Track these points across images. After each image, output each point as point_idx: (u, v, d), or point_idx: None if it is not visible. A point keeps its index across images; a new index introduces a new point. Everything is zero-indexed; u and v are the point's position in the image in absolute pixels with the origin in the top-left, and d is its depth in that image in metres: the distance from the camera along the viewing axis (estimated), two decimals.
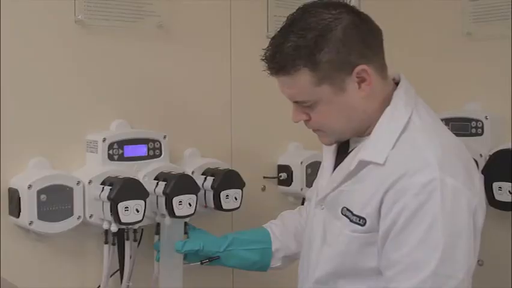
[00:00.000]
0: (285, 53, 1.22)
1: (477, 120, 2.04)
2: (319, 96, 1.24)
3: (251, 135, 2.15)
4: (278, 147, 2.21)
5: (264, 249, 1.52)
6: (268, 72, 1.28)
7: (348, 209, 1.26)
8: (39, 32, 1.72)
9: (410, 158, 1.17)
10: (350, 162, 1.28)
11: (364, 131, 1.29)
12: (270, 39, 1.28)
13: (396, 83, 1.31)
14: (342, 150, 1.37)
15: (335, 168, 1.36)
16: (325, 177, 1.39)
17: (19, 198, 1.64)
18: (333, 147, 1.39)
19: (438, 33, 2.23)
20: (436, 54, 2.23)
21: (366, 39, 1.24)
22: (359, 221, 1.22)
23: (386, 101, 1.27)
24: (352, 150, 1.32)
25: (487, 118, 2.03)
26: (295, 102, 1.29)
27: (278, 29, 1.28)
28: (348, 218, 1.25)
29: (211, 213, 1.98)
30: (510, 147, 1.94)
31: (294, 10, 1.29)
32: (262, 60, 1.28)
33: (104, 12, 1.81)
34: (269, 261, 1.58)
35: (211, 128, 2.08)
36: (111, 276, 1.83)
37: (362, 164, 1.24)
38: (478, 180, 1.24)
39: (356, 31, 1.22)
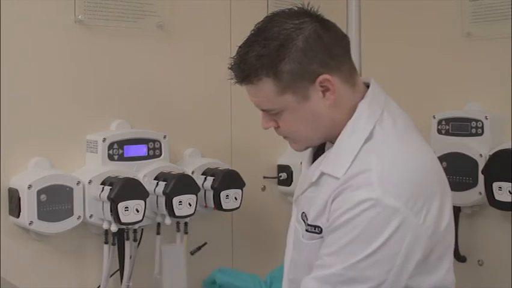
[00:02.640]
0: (249, 62, 1.24)
1: (477, 120, 2.04)
2: (283, 105, 1.25)
3: (251, 135, 2.15)
4: (278, 147, 2.21)
5: None
6: (234, 81, 1.30)
7: (305, 215, 1.29)
8: (40, 32, 1.72)
9: (359, 173, 1.19)
10: (313, 171, 1.31)
11: (335, 137, 1.29)
12: (237, 50, 1.30)
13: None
14: (319, 155, 1.37)
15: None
16: (301, 179, 1.42)
17: (19, 198, 1.64)
18: (309, 153, 1.40)
19: (439, 33, 2.22)
20: (436, 54, 2.23)
21: (329, 48, 1.23)
22: (315, 229, 1.26)
23: (355, 109, 1.28)
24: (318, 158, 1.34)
25: (487, 118, 2.03)
26: (263, 110, 1.31)
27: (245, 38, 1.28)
28: (305, 224, 1.28)
29: (211, 213, 1.98)
30: (510, 147, 1.94)
31: None
32: (229, 69, 1.30)
33: (104, 12, 1.81)
34: None
35: (211, 128, 2.08)
36: (111, 276, 1.83)
37: (322, 175, 1.27)
38: (436, 200, 1.20)
39: (318, 41, 1.22)
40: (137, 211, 1.71)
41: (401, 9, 2.30)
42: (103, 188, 1.70)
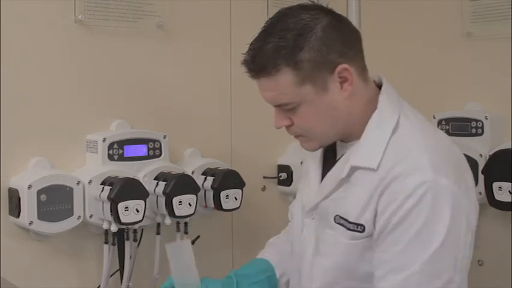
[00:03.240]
0: (265, 54, 1.20)
1: (477, 120, 2.04)
2: (302, 97, 1.21)
3: (251, 135, 2.15)
4: (278, 147, 2.21)
5: (270, 277, 1.45)
6: (249, 75, 1.25)
7: (342, 217, 1.23)
8: (40, 32, 1.72)
9: (402, 161, 1.17)
10: (340, 168, 1.25)
11: (349, 135, 1.28)
12: (249, 45, 1.26)
13: (378, 86, 1.31)
14: (329, 158, 1.35)
15: (323, 177, 1.33)
16: (313, 186, 1.34)
17: (19, 198, 1.64)
18: (319, 155, 1.36)
19: (438, 33, 2.22)
20: (436, 54, 2.23)
21: (345, 39, 1.23)
22: (357, 227, 1.21)
23: (370, 104, 1.26)
24: (341, 156, 1.30)
25: (487, 118, 2.03)
26: (277, 106, 1.27)
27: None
28: (344, 227, 1.23)
29: (211, 213, 1.98)
30: (510, 147, 1.94)
31: None
32: (242, 64, 1.25)
33: (104, 12, 1.81)
34: None
35: (211, 128, 2.08)
36: (111, 276, 1.83)
37: (353, 170, 1.23)
38: (470, 178, 1.24)
39: (335, 31, 1.21)
40: (137, 211, 1.71)
41: (401, 9, 2.30)
42: (103, 188, 1.70)
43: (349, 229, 1.22)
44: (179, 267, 1.30)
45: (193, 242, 1.89)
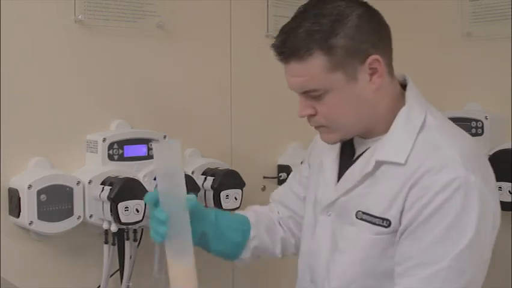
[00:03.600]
0: (298, 37, 1.17)
1: (477, 120, 2.04)
2: (331, 84, 1.18)
3: (251, 135, 2.15)
4: (278, 147, 2.21)
5: (244, 231, 1.41)
6: (278, 58, 1.22)
7: (365, 212, 1.21)
8: (40, 32, 1.72)
9: (432, 156, 1.16)
10: (364, 163, 1.24)
11: (370, 131, 1.26)
12: (280, 29, 1.23)
13: (401, 84, 1.31)
14: (345, 155, 1.33)
15: (339, 172, 1.31)
16: (329, 182, 1.31)
17: (19, 198, 1.64)
18: (336, 151, 1.34)
19: (439, 33, 2.22)
20: (436, 54, 2.23)
21: (379, 30, 1.23)
22: (383, 222, 1.19)
23: (395, 101, 1.25)
24: (364, 151, 1.27)
25: (487, 118, 2.03)
26: (304, 93, 1.22)
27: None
28: (368, 222, 1.21)
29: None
30: (510, 147, 1.94)
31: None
32: (272, 47, 1.22)
33: (104, 12, 1.81)
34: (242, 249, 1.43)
35: (211, 128, 2.08)
36: (111, 276, 1.83)
37: (379, 165, 1.21)
38: (493, 177, 1.24)
39: (370, 21, 1.21)
40: (137, 211, 1.71)
41: (401, 9, 2.30)
42: (103, 188, 1.70)
43: (374, 224, 1.20)
44: (165, 170, 1.20)
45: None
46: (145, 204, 1.73)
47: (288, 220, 1.50)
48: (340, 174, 1.31)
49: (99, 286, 1.81)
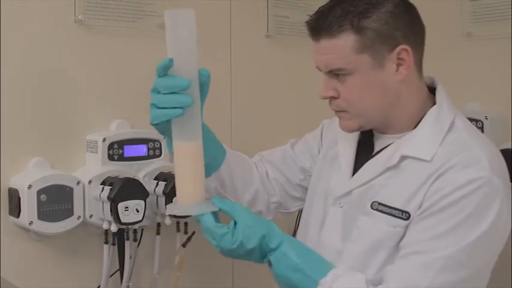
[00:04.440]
0: (332, 15, 1.19)
1: (477, 120, 2.04)
2: (357, 66, 1.19)
3: (251, 135, 2.15)
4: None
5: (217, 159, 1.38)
6: (310, 34, 1.23)
7: (382, 203, 1.21)
8: (40, 32, 1.72)
9: (460, 154, 1.17)
10: (389, 157, 1.23)
11: (389, 125, 1.26)
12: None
13: (428, 88, 1.31)
14: (364, 150, 1.31)
15: (355, 166, 1.31)
16: (344, 172, 1.31)
17: (19, 198, 1.64)
18: (353, 144, 1.33)
19: (439, 33, 2.22)
20: (436, 54, 2.22)
21: (413, 23, 1.24)
22: (402, 215, 1.19)
23: (422, 100, 1.26)
24: (387, 146, 1.26)
25: (487, 118, 2.03)
26: (329, 72, 1.22)
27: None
28: (385, 213, 1.21)
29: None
30: (510, 147, 1.94)
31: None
32: (306, 23, 1.24)
33: (104, 12, 1.81)
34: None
35: (211, 128, 2.07)
36: (111, 276, 1.83)
37: (402, 159, 1.21)
38: (509, 182, 1.24)
39: (406, 13, 1.22)
40: (137, 211, 1.71)
41: None
42: (103, 188, 1.70)
43: (393, 215, 1.20)
44: (180, 36, 1.13)
45: (189, 239, 1.89)
46: (145, 204, 1.73)
47: (274, 183, 1.49)
48: (355, 168, 1.31)
49: (99, 286, 1.81)
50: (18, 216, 1.65)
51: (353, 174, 1.30)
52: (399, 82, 1.22)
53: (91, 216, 1.74)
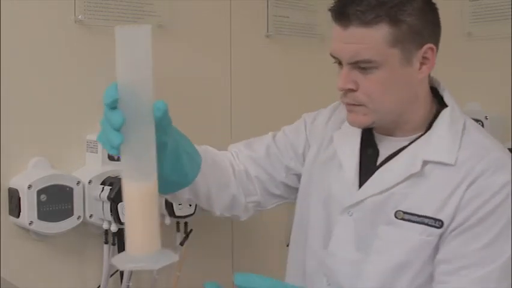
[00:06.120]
0: (366, 3, 1.12)
1: (477, 120, 2.04)
2: (386, 59, 1.13)
3: (251, 135, 2.15)
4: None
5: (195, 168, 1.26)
6: (339, 20, 1.14)
7: (408, 213, 1.17)
8: (40, 32, 1.72)
9: (483, 157, 1.16)
10: (408, 162, 1.18)
11: (399, 127, 1.22)
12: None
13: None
14: (366, 153, 1.26)
15: (360, 169, 1.24)
16: (349, 180, 1.24)
17: (19, 198, 1.64)
18: (354, 145, 1.26)
19: None
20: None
21: (436, 24, 1.21)
22: (435, 223, 1.15)
23: (429, 101, 1.24)
24: (401, 150, 1.22)
25: (487, 118, 2.03)
26: (354, 63, 1.15)
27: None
28: (415, 222, 1.16)
29: (211, 213, 1.97)
30: (510, 147, 1.94)
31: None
32: (334, 7, 1.15)
33: (104, 12, 1.81)
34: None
35: (211, 127, 2.07)
36: (111, 276, 1.83)
37: (424, 164, 1.18)
38: None
39: (432, 11, 1.20)
40: None
41: None
42: (103, 188, 1.70)
43: (426, 224, 1.16)
44: (131, 60, 1.00)
45: (187, 236, 1.89)
46: None
47: (256, 181, 1.38)
48: (361, 173, 1.25)
49: (99, 286, 1.81)
50: (18, 216, 1.65)
51: (359, 179, 1.25)
52: (419, 81, 1.20)
53: (91, 216, 1.74)
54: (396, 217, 1.18)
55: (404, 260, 1.17)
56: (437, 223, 1.15)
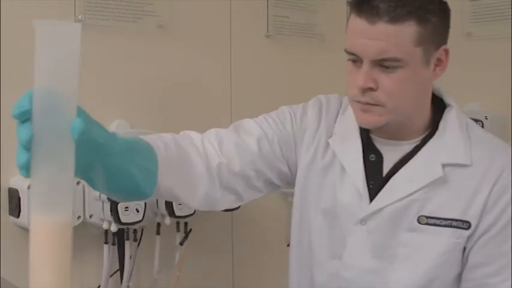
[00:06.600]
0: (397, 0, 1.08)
1: (477, 120, 2.04)
2: (411, 58, 1.11)
3: None
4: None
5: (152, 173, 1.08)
6: (366, 14, 1.09)
7: (433, 217, 1.15)
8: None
9: (496, 153, 1.17)
10: (425, 167, 1.16)
11: (404, 129, 1.19)
12: None
13: None
14: (368, 159, 1.21)
15: (366, 175, 1.20)
16: (358, 189, 1.19)
17: (19, 198, 1.64)
18: (357, 152, 1.21)
19: None
20: None
21: (449, 26, 1.22)
22: (463, 224, 1.14)
23: (429, 104, 1.23)
24: (414, 154, 1.19)
25: (487, 118, 2.03)
26: (377, 61, 1.10)
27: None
28: (442, 226, 1.15)
29: (211, 213, 1.97)
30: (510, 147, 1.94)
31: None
32: (358, 1, 1.11)
33: (104, 12, 1.81)
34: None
35: (211, 127, 2.07)
36: (111, 276, 1.83)
37: (442, 168, 1.16)
38: None
39: (448, 14, 1.21)
40: (137, 211, 1.71)
41: None
42: None
43: (454, 227, 1.15)
44: (51, 66, 0.82)
45: (186, 236, 1.89)
46: (145, 204, 1.73)
47: (238, 176, 1.26)
48: (367, 180, 1.20)
49: (99, 286, 1.81)
50: (18, 216, 1.65)
51: (368, 187, 1.20)
52: (432, 82, 1.20)
53: (91, 216, 1.73)
54: (419, 222, 1.16)
55: (433, 264, 1.16)
56: (465, 224, 1.14)
